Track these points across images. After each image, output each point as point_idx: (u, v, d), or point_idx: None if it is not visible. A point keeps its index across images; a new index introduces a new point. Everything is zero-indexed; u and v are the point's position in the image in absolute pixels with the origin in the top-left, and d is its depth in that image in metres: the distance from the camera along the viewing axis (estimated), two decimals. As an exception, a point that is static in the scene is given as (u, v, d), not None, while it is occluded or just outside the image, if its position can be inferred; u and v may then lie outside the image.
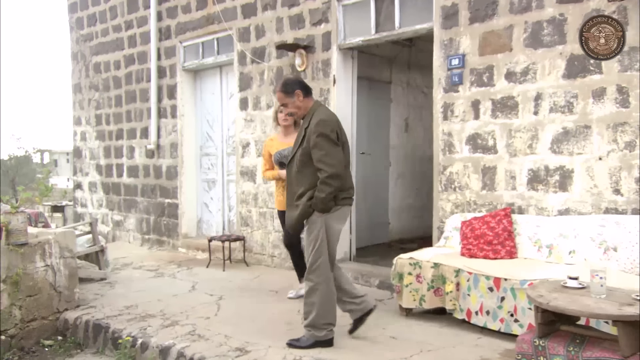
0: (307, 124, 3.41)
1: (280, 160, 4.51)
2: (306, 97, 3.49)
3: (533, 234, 3.89)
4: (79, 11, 8.87)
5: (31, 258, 4.24)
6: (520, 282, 3.41)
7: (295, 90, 3.44)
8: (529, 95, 4.07)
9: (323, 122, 3.37)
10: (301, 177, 3.42)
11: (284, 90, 3.46)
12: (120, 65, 8.18)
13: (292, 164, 3.48)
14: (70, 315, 4.43)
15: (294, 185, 3.47)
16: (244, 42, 6.32)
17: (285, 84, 3.48)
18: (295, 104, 3.47)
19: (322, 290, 3.45)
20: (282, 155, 4.50)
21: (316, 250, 3.41)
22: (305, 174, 3.40)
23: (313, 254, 3.43)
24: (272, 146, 4.62)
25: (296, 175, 3.45)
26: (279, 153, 4.53)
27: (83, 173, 9.10)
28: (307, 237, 3.46)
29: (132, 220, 8.15)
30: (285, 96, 3.47)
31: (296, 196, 3.44)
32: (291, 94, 3.45)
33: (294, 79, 3.56)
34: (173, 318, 4.19)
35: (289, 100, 3.47)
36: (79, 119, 9.10)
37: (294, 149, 3.50)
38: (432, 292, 3.91)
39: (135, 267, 6.39)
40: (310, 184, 3.38)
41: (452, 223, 4.41)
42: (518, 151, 4.14)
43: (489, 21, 4.26)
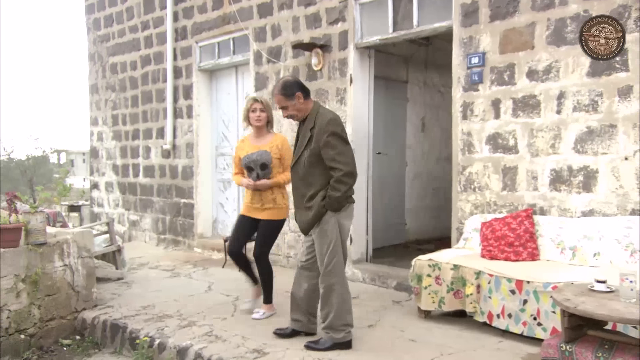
0: (312, 124, 3.34)
1: (248, 165, 4.09)
2: (306, 99, 3.43)
3: (556, 236, 3.80)
4: (96, 12, 8.93)
5: (50, 258, 4.25)
6: (543, 285, 3.33)
7: (296, 92, 3.35)
8: (551, 93, 3.98)
9: (334, 121, 3.34)
10: (310, 178, 3.37)
11: (284, 92, 3.35)
12: (137, 65, 8.21)
13: (298, 167, 3.42)
14: (88, 314, 4.44)
15: (302, 188, 3.43)
16: (260, 41, 6.30)
17: (285, 87, 3.36)
18: (296, 107, 3.38)
19: (338, 290, 3.44)
20: (250, 159, 4.08)
21: (331, 251, 3.39)
22: (315, 174, 3.36)
23: (328, 255, 3.40)
24: (243, 149, 4.21)
25: (304, 177, 3.40)
26: (248, 157, 4.10)
27: (100, 173, 9.16)
28: (319, 238, 3.41)
29: (148, 220, 8.18)
30: (285, 99, 3.36)
31: (306, 198, 3.39)
32: (291, 96, 3.35)
33: (293, 80, 3.45)
34: (190, 318, 4.17)
35: (289, 103, 3.36)
36: (95, 120, 9.16)
37: (297, 152, 3.43)
38: (452, 294, 3.85)
39: (151, 267, 6.40)
40: (321, 184, 3.35)
41: (472, 224, 4.34)
42: (540, 151, 4.06)
43: (510, 18, 4.18)
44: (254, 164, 4.07)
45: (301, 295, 3.64)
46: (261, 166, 4.05)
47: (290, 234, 6.08)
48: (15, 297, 3.97)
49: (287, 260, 6.14)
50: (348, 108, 5.44)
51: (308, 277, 3.61)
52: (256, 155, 4.06)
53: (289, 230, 6.10)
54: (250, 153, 4.11)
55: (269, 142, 4.11)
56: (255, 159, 4.06)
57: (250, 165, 4.09)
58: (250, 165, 4.09)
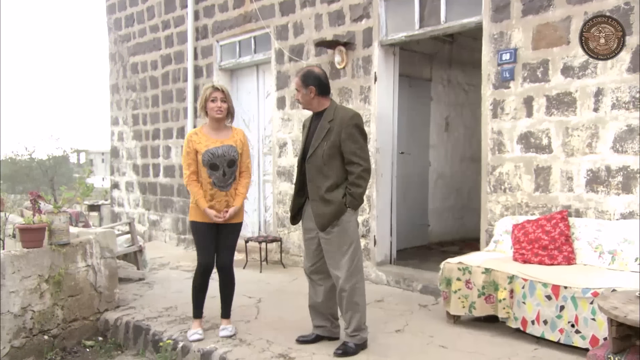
0: (332, 117, 3.34)
1: (212, 162, 3.57)
2: (321, 95, 3.41)
3: (593, 239, 3.64)
4: (117, 12, 8.95)
5: (73, 258, 4.22)
6: (582, 291, 3.18)
7: (310, 85, 3.37)
8: (588, 90, 3.82)
9: (358, 116, 3.37)
10: (328, 170, 3.32)
11: (302, 79, 3.40)
12: (157, 65, 8.19)
13: (315, 159, 3.34)
14: (110, 315, 4.40)
15: (318, 180, 3.34)
16: (282, 40, 6.21)
17: (306, 76, 3.40)
18: (305, 98, 3.42)
19: (360, 289, 3.41)
20: (215, 155, 3.57)
21: (354, 250, 3.36)
22: (332, 167, 3.32)
23: (351, 254, 3.34)
24: (199, 142, 3.59)
25: (321, 169, 3.33)
26: (210, 152, 3.56)
27: (120, 173, 9.17)
28: (339, 237, 3.32)
29: (168, 220, 8.16)
30: (300, 85, 3.41)
31: (323, 190, 3.31)
32: (306, 86, 3.38)
33: (316, 74, 3.40)
34: (213, 321, 4.09)
35: (302, 90, 3.41)
36: (116, 119, 9.17)
37: (314, 144, 3.34)
38: (483, 299, 3.71)
39: (172, 268, 6.36)
40: (338, 176, 3.32)
41: (503, 226, 4.20)
42: (575, 150, 3.90)
43: (543, 13, 4.03)
44: (219, 160, 3.57)
45: (320, 300, 3.55)
46: (229, 163, 3.61)
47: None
48: (39, 297, 3.94)
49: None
50: (372, 107, 5.33)
51: (321, 279, 3.53)
52: (222, 150, 3.58)
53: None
54: (212, 147, 3.58)
55: (231, 135, 3.68)
56: (221, 154, 3.57)
57: (215, 162, 3.56)
58: (214, 163, 3.56)
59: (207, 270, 3.74)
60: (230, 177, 3.69)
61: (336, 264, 3.35)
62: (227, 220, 3.67)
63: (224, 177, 3.64)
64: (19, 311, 3.79)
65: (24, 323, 3.83)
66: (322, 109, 3.42)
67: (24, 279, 3.83)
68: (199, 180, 3.66)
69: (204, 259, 3.71)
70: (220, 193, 3.66)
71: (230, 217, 3.67)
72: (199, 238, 3.72)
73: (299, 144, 6.10)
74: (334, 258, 3.36)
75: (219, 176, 3.63)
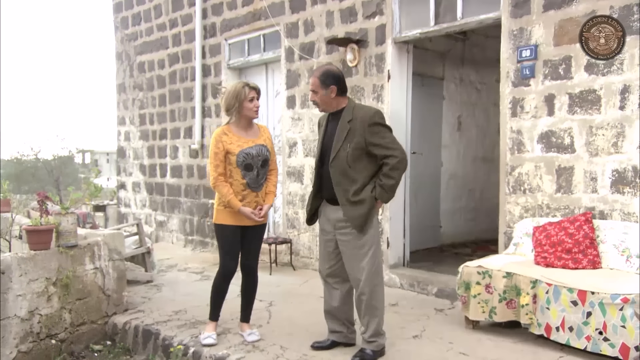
0: (350, 117, 3.21)
1: (247, 163, 3.46)
2: (340, 95, 3.27)
3: (619, 242, 3.51)
4: (124, 11, 8.85)
5: (80, 260, 4.11)
6: (611, 297, 3.05)
7: (331, 85, 3.22)
8: (613, 88, 3.69)
9: (379, 114, 3.24)
10: (353, 173, 3.18)
11: (322, 79, 3.24)
12: (165, 64, 8.10)
13: (338, 162, 3.20)
14: (119, 319, 4.30)
15: (345, 184, 3.20)
16: (292, 37, 6.10)
17: (325, 75, 3.23)
18: (324, 98, 3.26)
19: (380, 292, 3.31)
20: (250, 156, 3.46)
21: (375, 251, 3.26)
22: (358, 169, 3.18)
23: (371, 256, 3.23)
24: (231, 142, 3.46)
25: (346, 172, 3.19)
26: (245, 153, 3.45)
27: (127, 173, 9.07)
28: (358, 239, 3.21)
29: (176, 220, 8.06)
30: (319, 85, 3.24)
31: (351, 193, 3.18)
32: (326, 86, 3.23)
33: (335, 72, 3.27)
34: (224, 325, 3.98)
35: (320, 90, 3.25)
36: (123, 119, 9.08)
37: (335, 146, 3.20)
38: (505, 304, 3.59)
39: (180, 270, 6.26)
40: (365, 177, 3.19)
41: (523, 228, 4.06)
42: (600, 150, 3.77)
43: (566, 8, 3.90)
44: (254, 161, 3.48)
45: (336, 305, 3.44)
46: (262, 163, 3.52)
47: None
48: (47, 301, 3.84)
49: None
50: (385, 106, 5.20)
51: (337, 282, 3.42)
52: (256, 150, 3.49)
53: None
54: (246, 148, 3.47)
55: (259, 134, 3.59)
56: (255, 154, 3.48)
57: (250, 162, 3.47)
58: (249, 163, 3.47)
59: (230, 274, 3.62)
60: (263, 177, 3.60)
61: (356, 267, 3.24)
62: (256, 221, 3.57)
63: (257, 178, 3.54)
64: (26, 315, 3.69)
65: (31, 327, 3.73)
66: (340, 108, 3.30)
67: (31, 282, 3.73)
68: (228, 181, 3.52)
69: (229, 264, 3.59)
70: (251, 194, 3.55)
71: (265, 215, 3.60)
72: (225, 242, 3.58)
73: (310, 144, 6.01)
74: (354, 260, 3.24)
75: (253, 177, 3.52)
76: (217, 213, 3.58)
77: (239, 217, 3.51)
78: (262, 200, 3.60)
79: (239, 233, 3.58)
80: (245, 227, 3.58)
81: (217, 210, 3.58)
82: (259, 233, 3.69)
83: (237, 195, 3.49)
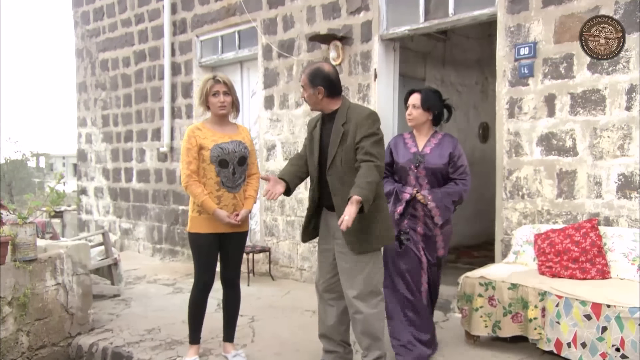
0: (344, 119, 2.90)
1: (222, 159, 3.15)
2: (330, 97, 2.95)
3: (629, 251, 3.33)
4: (85, 5, 8.32)
5: (40, 276, 3.68)
6: (629, 310, 2.84)
7: (319, 86, 2.92)
8: (619, 87, 3.52)
9: (374, 115, 2.93)
10: (349, 178, 2.84)
11: (310, 78, 2.95)
12: (130, 62, 7.62)
13: (335, 169, 2.90)
14: (84, 340, 3.87)
15: (343, 191, 2.84)
16: (270, 34, 5.77)
17: (313, 74, 2.93)
18: (311, 98, 2.98)
19: (381, 312, 3.00)
20: (225, 150, 3.15)
21: (374, 265, 2.96)
22: (354, 175, 2.83)
23: (370, 271, 2.92)
24: (205, 137, 3.15)
25: (343, 179, 2.87)
26: (220, 147, 3.14)
27: (88, 178, 8.52)
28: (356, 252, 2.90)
29: (142, 228, 7.57)
30: (307, 83, 2.96)
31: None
32: (314, 86, 2.93)
33: (325, 72, 2.94)
34: (204, 345, 3.61)
35: (308, 89, 2.97)
36: (84, 120, 8.52)
37: (331, 152, 2.91)
38: (510, 318, 3.35)
39: (149, 281, 5.82)
40: None
41: (522, 236, 3.85)
42: (605, 153, 3.59)
43: (567, 3, 3.72)
44: (230, 157, 3.16)
45: (331, 324, 3.13)
46: (239, 160, 3.21)
47: (303, 245, 5.55)
48: (1, 323, 3.38)
49: (300, 273, 5.61)
50: (371, 106, 4.93)
51: (333, 299, 3.11)
52: (232, 145, 3.18)
53: (303, 240, 5.57)
54: (221, 142, 3.16)
55: (237, 132, 3.28)
56: (232, 150, 3.16)
57: (225, 158, 3.15)
58: (224, 159, 3.15)
59: (208, 287, 3.28)
60: (240, 177, 3.25)
61: (351, 282, 2.93)
62: (235, 227, 3.21)
63: (233, 177, 3.20)
64: (-24, 341, 3.24)
65: (-18, 355, 3.28)
66: (334, 110, 2.99)
67: (-17, 303, 3.28)
68: (202, 181, 3.18)
69: (206, 276, 3.24)
70: (228, 195, 3.20)
71: (242, 219, 3.22)
72: (200, 251, 3.22)
73: (289, 146, 5.69)
74: (349, 274, 2.93)
75: (228, 175, 3.19)
76: (192, 221, 3.22)
77: (216, 223, 3.16)
78: (241, 204, 3.26)
79: (216, 241, 3.23)
80: (223, 235, 3.23)
81: (192, 218, 3.23)
82: (240, 241, 3.34)
83: (212, 197, 3.16)
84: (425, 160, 3.33)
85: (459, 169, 3.36)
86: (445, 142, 3.40)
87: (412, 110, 3.41)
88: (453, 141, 3.43)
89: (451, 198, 3.32)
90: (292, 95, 5.62)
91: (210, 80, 3.18)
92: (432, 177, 3.33)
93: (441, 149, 3.36)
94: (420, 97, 3.38)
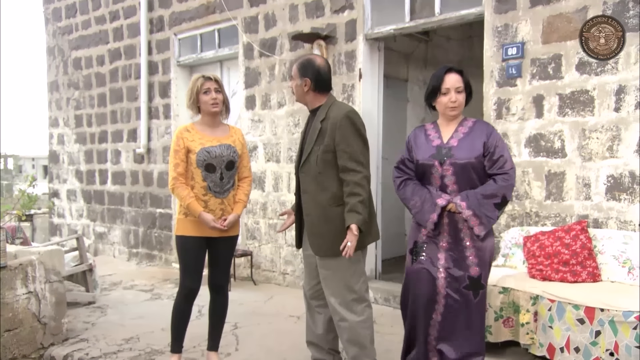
0: (324, 116, 2.78)
1: (209, 163, 3.03)
2: (316, 92, 2.85)
3: (619, 253, 3.30)
4: (56, 1, 8.04)
5: (10, 284, 3.47)
6: (623, 314, 2.81)
7: (305, 77, 2.82)
8: (607, 88, 3.50)
9: (353, 113, 2.77)
10: (325, 180, 2.76)
11: (299, 67, 2.86)
12: (104, 60, 7.38)
13: (308, 166, 2.81)
14: (57, 351, 3.67)
15: (314, 191, 2.79)
16: (251, 33, 5.63)
17: (304, 65, 2.85)
18: (298, 90, 2.88)
19: (368, 319, 2.88)
20: (212, 155, 3.03)
21: (355, 271, 2.85)
22: (329, 175, 2.76)
23: (352, 277, 2.82)
24: (193, 140, 3.03)
25: (316, 178, 2.78)
26: (206, 151, 3.02)
27: (60, 180, 8.23)
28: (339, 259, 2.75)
29: (118, 232, 7.34)
30: (297, 73, 2.87)
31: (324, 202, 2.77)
32: (302, 77, 2.84)
33: (316, 65, 2.83)
34: (186, 355, 3.46)
35: (296, 79, 2.88)
36: (55, 120, 8.23)
37: (307, 149, 2.82)
38: (501, 323, 3.30)
39: (126, 287, 5.61)
40: (337, 187, 2.74)
41: (511, 238, 3.80)
42: (594, 154, 3.57)
43: (555, 3, 3.69)
44: (217, 161, 3.03)
45: (319, 333, 3.03)
46: (227, 165, 3.07)
47: (286, 248, 5.43)
48: (-33, 336, 3.18)
49: (283, 277, 5.48)
50: (356, 107, 4.84)
51: (320, 307, 3.01)
52: (219, 149, 3.05)
53: (285, 244, 5.45)
54: (208, 146, 3.04)
55: (228, 134, 3.16)
56: (219, 154, 3.04)
57: (212, 162, 3.02)
58: (211, 163, 3.02)
59: (193, 294, 3.13)
60: (229, 182, 3.11)
61: (332, 289, 2.82)
62: (223, 232, 3.08)
63: (221, 182, 3.07)
64: (-60, 355, 3.03)
65: (-53, 370, 3.07)
66: (317, 106, 2.90)
67: (-53, 315, 3.07)
68: (189, 184, 3.06)
69: (191, 281, 3.09)
70: (215, 200, 3.07)
71: (230, 225, 3.09)
72: (186, 256, 3.09)
73: (272, 147, 5.56)
74: (329, 280, 2.83)
75: (215, 180, 3.05)
76: (178, 223, 3.10)
77: (204, 226, 3.03)
78: (229, 209, 3.14)
79: (203, 246, 3.10)
80: (211, 239, 3.10)
81: (178, 220, 3.10)
82: (229, 246, 3.21)
83: (198, 201, 3.04)
84: (451, 155, 2.67)
85: (497, 161, 2.65)
86: (477, 129, 2.71)
87: (457, 96, 2.68)
88: (487, 128, 2.72)
89: (491, 201, 2.65)
90: (274, 95, 5.49)
91: (200, 78, 3.06)
92: (461, 175, 2.66)
93: (472, 139, 2.67)
94: (463, 77, 2.71)
